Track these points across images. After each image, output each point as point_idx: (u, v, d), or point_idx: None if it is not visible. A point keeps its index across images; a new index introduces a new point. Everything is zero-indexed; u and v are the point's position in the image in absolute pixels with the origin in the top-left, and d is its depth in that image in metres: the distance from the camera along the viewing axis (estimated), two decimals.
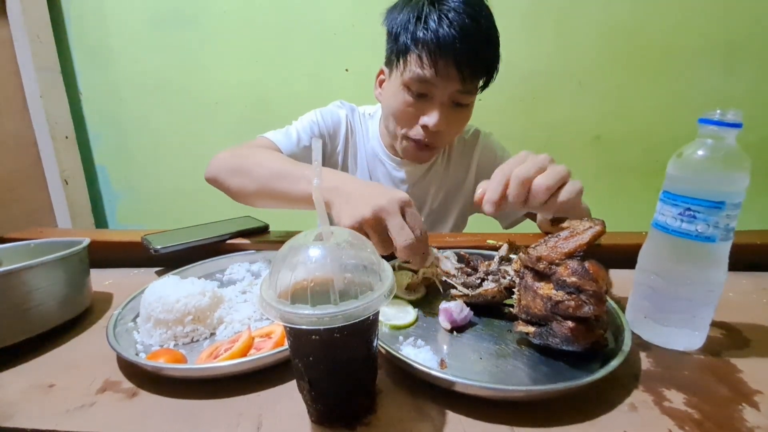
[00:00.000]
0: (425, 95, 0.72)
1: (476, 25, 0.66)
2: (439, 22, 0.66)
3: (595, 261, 0.41)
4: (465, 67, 0.67)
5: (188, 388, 0.39)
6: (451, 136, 0.80)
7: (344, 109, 0.91)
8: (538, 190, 0.46)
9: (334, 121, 0.89)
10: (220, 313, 0.51)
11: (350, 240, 0.33)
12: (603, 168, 1.45)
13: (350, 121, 0.90)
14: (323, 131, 0.88)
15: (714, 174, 0.40)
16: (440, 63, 0.67)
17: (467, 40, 0.66)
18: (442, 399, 0.37)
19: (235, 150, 0.75)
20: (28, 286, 0.46)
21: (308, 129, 0.85)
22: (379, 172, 0.89)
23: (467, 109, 0.76)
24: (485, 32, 0.69)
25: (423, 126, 0.73)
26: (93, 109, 1.60)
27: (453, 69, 0.68)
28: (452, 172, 0.92)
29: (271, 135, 0.84)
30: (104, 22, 1.48)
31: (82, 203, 1.61)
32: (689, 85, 1.33)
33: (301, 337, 0.31)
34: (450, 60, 0.67)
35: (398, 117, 0.76)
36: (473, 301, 0.50)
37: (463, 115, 0.77)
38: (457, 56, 0.66)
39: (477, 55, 0.68)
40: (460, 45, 0.65)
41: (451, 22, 0.66)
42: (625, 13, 1.30)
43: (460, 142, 0.91)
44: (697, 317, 0.44)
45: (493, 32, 0.71)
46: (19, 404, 0.38)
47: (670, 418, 0.35)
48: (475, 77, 0.71)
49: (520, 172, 0.47)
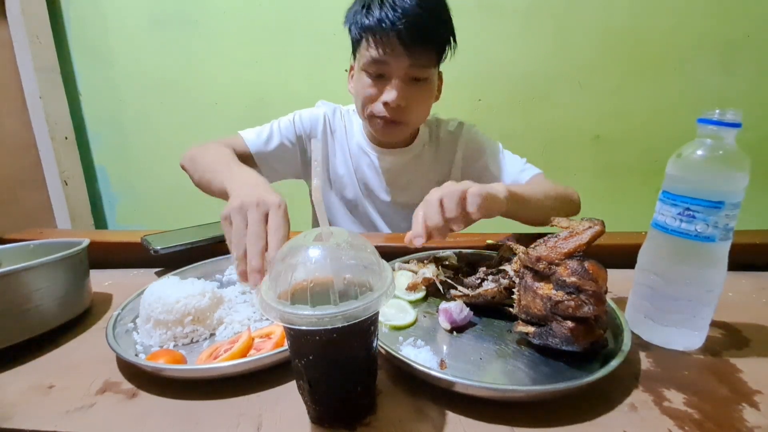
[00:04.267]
0: (382, 75, 0.76)
1: (419, 3, 0.71)
2: (381, 6, 0.72)
3: (594, 261, 0.41)
4: (410, 42, 0.72)
5: (188, 388, 0.39)
6: (417, 111, 0.82)
7: (324, 109, 0.93)
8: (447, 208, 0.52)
9: (312, 123, 0.92)
10: (220, 313, 0.51)
11: (350, 240, 0.33)
12: (602, 168, 1.45)
13: (330, 120, 0.93)
14: (299, 133, 0.90)
15: (713, 174, 0.40)
16: (387, 42, 0.72)
17: (410, 18, 0.70)
18: (442, 399, 0.37)
19: (204, 144, 0.82)
20: (27, 287, 0.46)
21: (282, 130, 0.89)
22: (364, 164, 0.91)
23: (427, 83, 0.79)
24: (430, 8, 0.72)
25: (384, 103, 0.76)
26: (92, 109, 1.60)
27: (399, 46, 0.72)
28: (438, 164, 0.93)
29: (245, 133, 0.88)
30: (104, 22, 1.48)
31: (81, 204, 1.61)
32: (688, 84, 1.33)
33: (301, 338, 0.31)
34: (394, 38, 0.71)
35: (363, 100, 0.79)
36: (473, 301, 0.50)
37: (424, 89, 0.79)
38: (400, 34, 0.71)
39: (421, 30, 0.72)
40: (403, 23, 0.70)
41: (394, 4, 0.71)
42: (624, 13, 1.30)
43: (445, 134, 0.93)
44: (697, 317, 0.44)
45: (440, 7, 0.75)
46: (18, 405, 0.38)
47: (670, 418, 0.35)
48: (423, 52, 0.74)
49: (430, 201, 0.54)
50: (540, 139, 1.44)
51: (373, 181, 0.92)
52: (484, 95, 1.42)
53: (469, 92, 1.41)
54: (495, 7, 1.33)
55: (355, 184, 0.93)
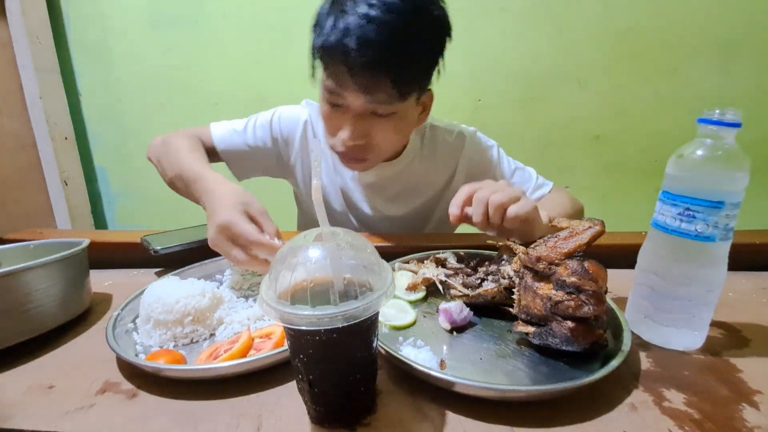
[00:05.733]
0: (340, 105, 0.63)
1: (380, 24, 0.55)
2: (335, 24, 0.56)
3: (594, 261, 0.41)
4: (364, 77, 0.57)
5: (188, 388, 0.39)
6: (383, 147, 0.68)
7: (307, 111, 0.84)
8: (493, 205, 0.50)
9: (291, 127, 0.83)
10: (220, 313, 0.51)
11: (350, 241, 0.33)
12: (602, 168, 1.45)
13: (313, 124, 0.83)
14: (276, 135, 0.83)
15: (713, 174, 0.40)
16: (337, 72, 0.59)
17: (365, 43, 0.55)
18: (442, 399, 0.37)
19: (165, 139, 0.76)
20: (27, 288, 0.46)
21: (258, 130, 0.82)
22: (348, 176, 0.83)
23: (395, 118, 0.64)
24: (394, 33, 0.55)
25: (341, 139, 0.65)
26: (92, 109, 1.60)
27: (349, 80, 0.58)
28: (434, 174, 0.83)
29: (215, 128, 0.82)
30: (104, 22, 1.48)
31: (81, 204, 1.61)
32: (689, 84, 1.33)
33: (301, 338, 0.31)
34: (343, 68, 0.57)
35: (325, 126, 0.69)
36: (473, 301, 0.50)
37: (390, 125, 0.65)
38: (350, 64, 0.56)
39: (379, 63, 0.56)
40: (354, 50, 0.55)
41: (348, 23, 0.55)
42: (624, 13, 1.30)
43: (443, 144, 0.82)
44: (697, 317, 0.44)
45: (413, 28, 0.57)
46: (18, 405, 0.38)
47: (670, 418, 0.35)
48: (383, 88, 0.58)
49: (481, 194, 0.52)
50: (540, 138, 1.44)
51: (357, 195, 0.84)
52: (484, 95, 1.42)
53: (469, 92, 1.41)
54: (495, 7, 1.33)
55: (339, 195, 0.85)
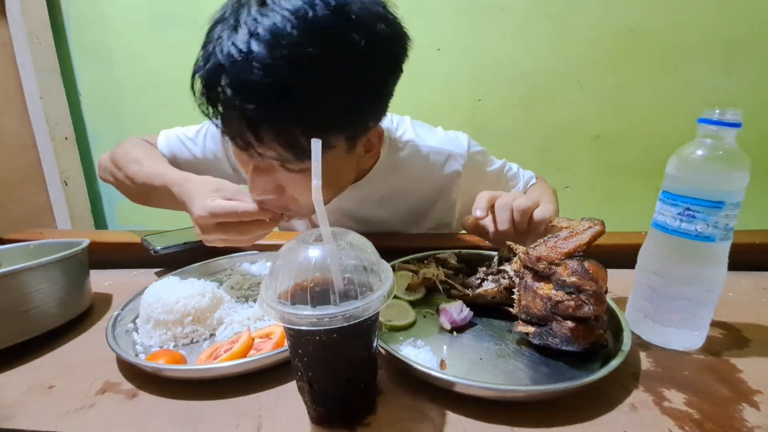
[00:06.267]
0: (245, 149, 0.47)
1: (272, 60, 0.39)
2: (216, 43, 0.41)
3: (594, 261, 0.41)
4: (256, 126, 0.43)
5: (188, 389, 0.39)
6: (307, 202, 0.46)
7: None
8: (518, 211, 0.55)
9: None
10: (220, 313, 0.51)
11: (350, 240, 0.33)
12: (602, 168, 1.45)
13: None
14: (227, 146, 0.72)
15: (713, 174, 0.40)
16: (226, 116, 0.45)
17: (244, 87, 0.40)
18: (442, 399, 0.37)
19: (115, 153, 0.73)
20: (27, 288, 0.46)
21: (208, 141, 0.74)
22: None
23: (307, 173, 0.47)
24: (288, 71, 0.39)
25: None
26: (92, 109, 1.60)
27: (238, 123, 0.43)
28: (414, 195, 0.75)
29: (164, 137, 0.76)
30: (104, 23, 1.48)
31: (81, 204, 1.61)
32: (688, 84, 1.33)
33: (301, 338, 0.31)
34: (229, 108, 0.43)
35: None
36: (473, 301, 0.50)
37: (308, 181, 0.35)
38: (237, 108, 0.41)
39: (274, 109, 0.41)
40: (231, 89, 0.40)
41: (229, 52, 0.40)
42: (624, 12, 1.30)
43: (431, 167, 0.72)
44: (697, 317, 0.44)
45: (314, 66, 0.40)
46: (19, 405, 0.38)
47: (670, 418, 0.35)
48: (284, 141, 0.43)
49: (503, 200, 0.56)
50: (540, 138, 1.44)
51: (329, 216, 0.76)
52: (483, 95, 1.42)
53: (469, 92, 1.41)
54: (495, 7, 1.33)
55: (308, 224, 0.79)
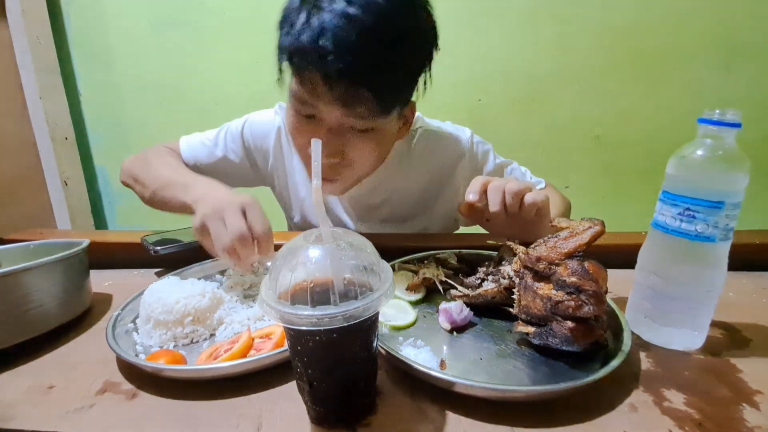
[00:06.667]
0: (312, 116, 0.56)
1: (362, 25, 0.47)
2: (307, 21, 0.48)
3: (594, 261, 0.41)
4: (340, 85, 0.50)
5: (188, 389, 0.39)
6: (359, 167, 0.61)
7: (279, 115, 0.78)
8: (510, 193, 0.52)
9: (263, 136, 0.78)
10: (220, 313, 0.51)
11: (350, 241, 0.33)
12: (603, 168, 1.45)
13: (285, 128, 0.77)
14: (248, 145, 0.78)
15: (713, 174, 0.40)
16: (310, 80, 0.51)
17: (343, 46, 0.47)
18: (442, 399, 0.37)
19: (139, 156, 0.75)
20: (27, 288, 0.46)
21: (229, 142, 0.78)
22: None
23: (374, 133, 0.57)
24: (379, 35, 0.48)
25: None
26: (93, 110, 1.60)
27: (325, 89, 0.51)
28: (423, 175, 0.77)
29: (185, 142, 0.80)
30: (104, 23, 1.48)
31: (81, 204, 1.61)
32: (689, 85, 1.33)
33: (301, 338, 0.31)
34: (316, 75, 0.50)
35: (292, 139, 0.62)
36: (473, 301, 0.50)
37: (368, 141, 0.58)
38: (326, 70, 0.49)
39: (360, 68, 0.49)
40: (332, 54, 0.47)
41: (323, 21, 0.47)
42: (625, 13, 1.30)
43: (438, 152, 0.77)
44: (697, 317, 0.44)
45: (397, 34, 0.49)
46: (18, 406, 0.38)
47: (670, 418, 0.35)
48: (362, 101, 0.52)
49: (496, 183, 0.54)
50: (540, 139, 1.44)
51: (337, 207, 0.79)
52: (484, 95, 1.42)
53: (469, 92, 1.41)
54: (495, 8, 1.33)
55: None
